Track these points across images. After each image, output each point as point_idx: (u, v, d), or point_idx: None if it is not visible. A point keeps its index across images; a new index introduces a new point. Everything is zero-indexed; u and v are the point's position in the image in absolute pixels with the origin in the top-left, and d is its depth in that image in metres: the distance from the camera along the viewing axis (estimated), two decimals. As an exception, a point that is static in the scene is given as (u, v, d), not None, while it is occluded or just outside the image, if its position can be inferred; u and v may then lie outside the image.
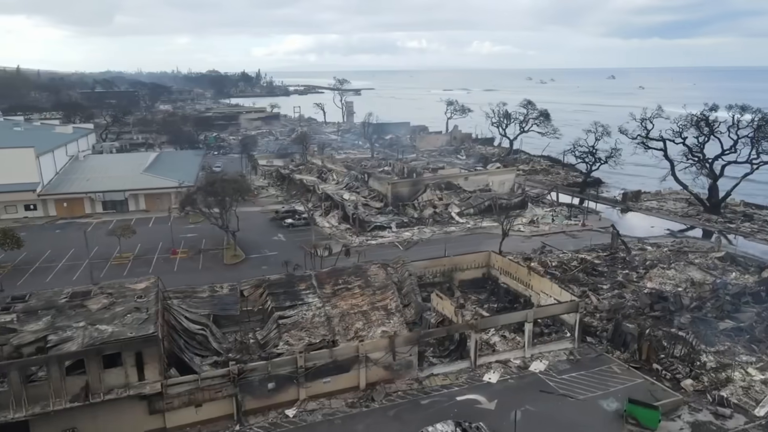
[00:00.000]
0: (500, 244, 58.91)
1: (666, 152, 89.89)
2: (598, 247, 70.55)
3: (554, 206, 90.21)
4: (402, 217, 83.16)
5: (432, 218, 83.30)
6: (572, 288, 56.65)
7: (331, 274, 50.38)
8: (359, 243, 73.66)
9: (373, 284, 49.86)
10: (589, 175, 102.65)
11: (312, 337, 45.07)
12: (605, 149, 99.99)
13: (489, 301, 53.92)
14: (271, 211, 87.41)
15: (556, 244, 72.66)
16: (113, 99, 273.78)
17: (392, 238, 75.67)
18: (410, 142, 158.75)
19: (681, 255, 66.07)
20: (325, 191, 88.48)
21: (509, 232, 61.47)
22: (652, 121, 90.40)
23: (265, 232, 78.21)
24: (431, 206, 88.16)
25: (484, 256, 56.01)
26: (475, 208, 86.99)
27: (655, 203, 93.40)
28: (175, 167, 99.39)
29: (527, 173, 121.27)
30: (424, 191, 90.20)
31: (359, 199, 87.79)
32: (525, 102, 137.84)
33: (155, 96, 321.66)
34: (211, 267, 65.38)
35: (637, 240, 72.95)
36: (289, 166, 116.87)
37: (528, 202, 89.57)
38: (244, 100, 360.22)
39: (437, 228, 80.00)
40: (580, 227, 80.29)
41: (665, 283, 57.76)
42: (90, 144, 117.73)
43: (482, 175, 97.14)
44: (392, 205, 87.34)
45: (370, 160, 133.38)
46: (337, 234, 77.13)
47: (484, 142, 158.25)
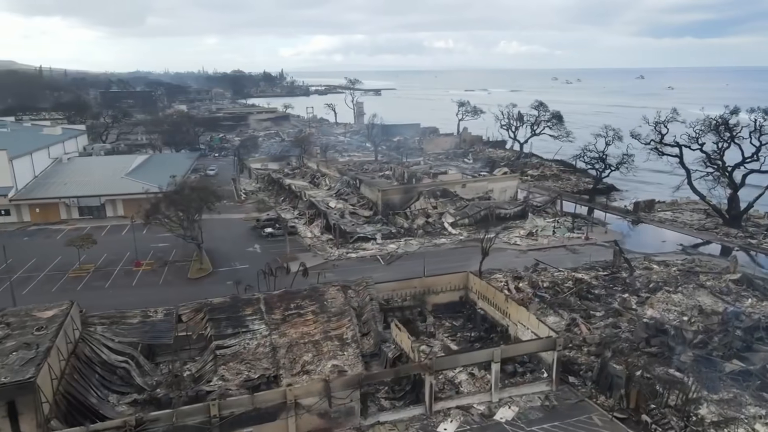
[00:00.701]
0: (480, 264, 52.73)
1: (682, 159, 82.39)
2: (599, 264, 63.95)
3: (558, 216, 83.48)
4: (390, 227, 77.49)
5: (423, 229, 77.45)
6: (562, 314, 50.56)
7: (283, 297, 45.01)
8: (338, 256, 68.28)
9: (329, 309, 44.37)
10: (598, 182, 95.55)
11: (252, 371, 39.84)
12: (618, 155, 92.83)
13: (465, 328, 47.95)
14: (255, 218, 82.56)
15: (553, 260, 66.25)
16: (130, 99, 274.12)
17: (375, 250, 70.07)
18: (417, 145, 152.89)
19: (691, 276, 59.06)
20: (310, 198, 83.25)
21: (490, 248, 55.01)
22: (667, 125, 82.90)
23: (242, 242, 73.34)
24: (424, 215, 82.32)
25: (461, 277, 50.05)
26: (471, 218, 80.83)
27: (669, 214, 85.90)
28: (162, 170, 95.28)
29: (535, 179, 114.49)
30: (417, 199, 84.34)
31: (346, 207, 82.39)
32: (536, 103, 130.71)
33: (172, 96, 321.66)
34: (173, 281, 60.69)
35: (643, 257, 66.00)
36: (284, 170, 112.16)
37: (528, 211, 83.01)
38: (262, 100, 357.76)
39: (426, 240, 74.14)
40: (582, 241, 73.56)
41: (669, 310, 51.07)
42: (80, 145, 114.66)
43: (482, 181, 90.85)
44: (382, 214, 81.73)
45: (372, 164, 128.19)
46: (317, 245, 71.85)
47: (495, 145, 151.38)
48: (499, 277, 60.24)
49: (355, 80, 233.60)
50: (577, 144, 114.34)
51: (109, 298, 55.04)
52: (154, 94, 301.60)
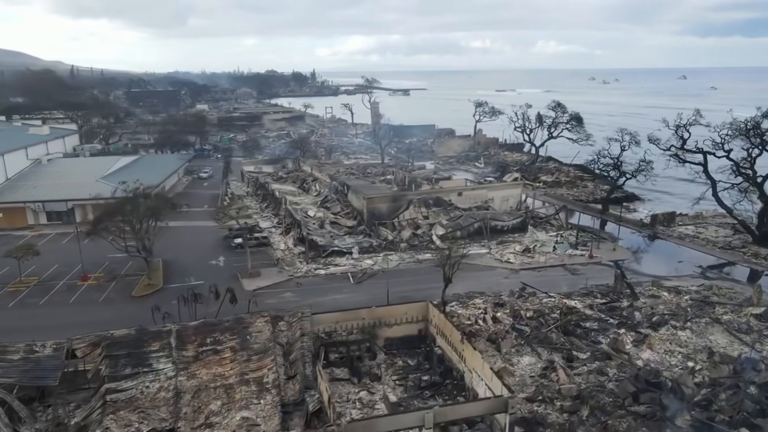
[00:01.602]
0: (443, 291, 44.94)
1: (706, 167, 72.76)
2: (599, 289, 55.51)
3: (562, 229, 74.84)
4: (372, 240, 70.34)
5: (407, 242, 70.03)
6: (541, 353, 42.58)
7: (200, 329, 38.38)
8: (305, 272, 61.46)
9: (251, 346, 37.55)
10: (612, 191, 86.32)
11: (144, 423, 33.34)
12: (636, 161, 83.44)
13: (419, 369, 40.48)
14: (228, 227, 76.38)
15: (546, 282, 58.06)
16: (153, 98, 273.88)
17: (349, 266, 63.01)
18: (429, 147, 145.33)
19: (705, 308, 50.13)
20: (288, 206, 76.68)
21: (453, 274, 47.09)
22: (689, 129, 73.32)
23: (207, 254, 67.26)
24: (413, 226, 74.91)
25: (420, 307, 42.57)
26: (463, 231, 73.01)
27: (692, 229, 76.20)
28: (145, 173, 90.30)
29: (548, 186, 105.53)
30: (406, 208, 76.94)
31: (327, 216, 75.52)
32: (553, 104, 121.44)
33: (196, 95, 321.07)
34: (115, 299, 54.86)
35: (651, 282, 57.12)
36: (278, 173, 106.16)
37: (528, 223, 74.65)
38: (288, 100, 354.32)
39: (409, 255, 66.68)
40: (585, 259, 64.96)
41: (672, 352, 42.57)
42: (68, 146, 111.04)
43: (481, 189, 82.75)
44: (367, 224, 74.66)
45: (377, 167, 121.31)
46: (287, 259, 65.20)
47: (511, 148, 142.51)
48: (478, 302, 52.57)
49: (372, 79, 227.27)
50: (597, 148, 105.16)
51: (32, 319, 49.61)
52: (178, 94, 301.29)
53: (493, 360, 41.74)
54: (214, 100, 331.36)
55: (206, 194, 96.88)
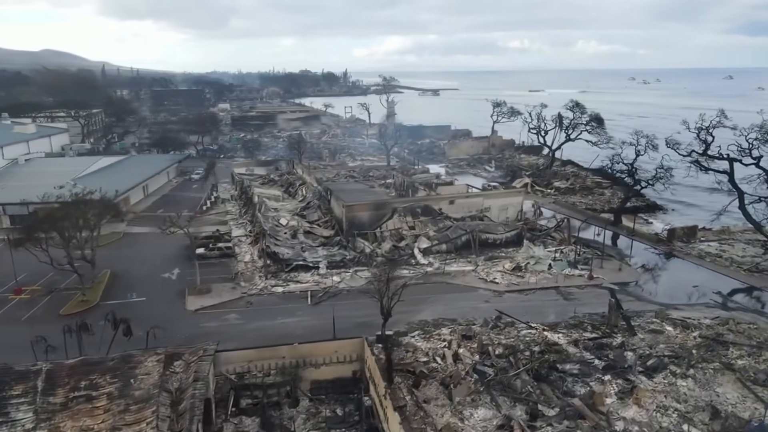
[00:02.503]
0: (382, 327, 37.46)
1: (732, 176, 63.28)
2: (592, 319, 47.23)
3: (564, 244, 66.34)
4: (347, 253, 63.35)
5: (384, 256, 62.76)
6: (501, 404, 34.86)
7: (76, 369, 32.10)
8: (262, 289, 54.86)
9: (132, 392, 31.04)
10: (626, 200, 77.17)
11: (-19, 490, 27.20)
12: (655, 167, 74.21)
13: (347, 422, 33.30)
14: (200, 234, 70.48)
15: (532, 308, 50.17)
16: (177, 98, 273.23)
17: (311, 283, 56.14)
18: (441, 149, 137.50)
19: (717, 348, 41.42)
20: (260, 212, 70.25)
21: (393, 306, 39.45)
22: (712, 132, 63.94)
23: (162, 265, 61.32)
24: (396, 238, 67.63)
25: (355, 345, 35.48)
26: (450, 244, 65.36)
27: (715, 246, 66.60)
28: (122, 174, 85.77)
29: (561, 193, 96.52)
30: (390, 217, 69.67)
31: (302, 224, 68.80)
32: (571, 104, 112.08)
33: (221, 95, 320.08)
34: (41, 317, 49.25)
35: (656, 312, 48.45)
36: (269, 176, 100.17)
37: (524, 237, 66.39)
38: (314, 99, 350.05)
39: (383, 271, 59.29)
40: (584, 281, 56.56)
41: (666, 409, 34.28)
42: (55, 145, 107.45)
43: (476, 197, 74.75)
44: (346, 235, 67.71)
45: (380, 170, 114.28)
46: (247, 273, 58.77)
47: (528, 150, 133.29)
48: (445, 333, 45.01)
49: (390, 78, 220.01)
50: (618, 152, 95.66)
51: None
52: (202, 94, 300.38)
53: (441, 411, 34.37)
54: (239, 100, 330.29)
55: (191, 197, 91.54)
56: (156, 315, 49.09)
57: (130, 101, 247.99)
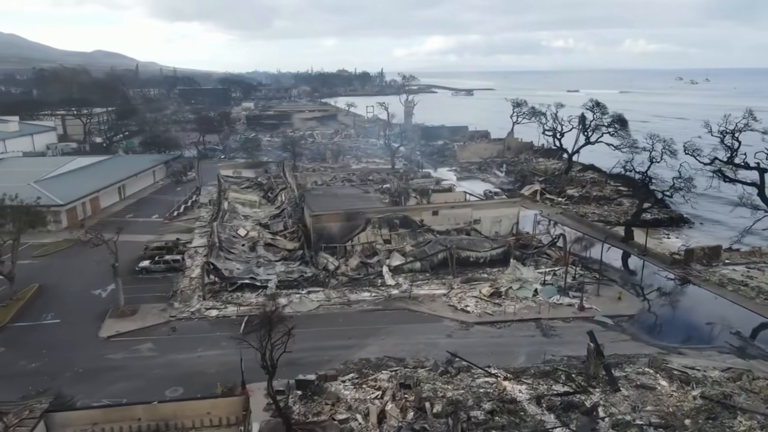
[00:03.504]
0: (268, 383, 29.60)
1: (762, 188, 53.21)
2: (570, 365, 38.52)
3: (560, 264, 57.20)
4: (308, 269, 55.97)
5: (347, 275, 55.12)
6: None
7: None
8: (194, 312, 47.95)
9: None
10: (639, 213, 67.34)
11: None
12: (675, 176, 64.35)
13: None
14: (151, 244, 64.30)
15: (501, 347, 41.96)
16: (204, 96, 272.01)
17: (253, 307, 48.89)
18: (454, 151, 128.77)
19: (723, 415, 32.25)
20: (217, 221, 63.51)
21: (277, 359, 31.42)
22: (738, 137, 53.90)
23: (98, 280, 55.04)
24: (367, 252, 59.95)
25: (235, 404, 27.87)
26: (426, 262, 57.18)
27: (741, 271, 56.36)
28: (95, 176, 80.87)
29: (574, 202, 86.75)
30: (363, 229, 61.98)
31: (263, 235, 61.69)
32: (591, 103, 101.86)
33: (247, 94, 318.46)
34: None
35: (651, 358, 39.31)
36: (257, 178, 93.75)
37: (512, 256, 57.55)
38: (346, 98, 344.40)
39: (339, 293, 51.72)
40: (574, 312, 47.64)
41: None
42: (40, 143, 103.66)
43: (463, 207, 66.22)
44: (314, 248, 60.41)
45: (381, 173, 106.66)
46: (188, 291, 52.05)
47: (547, 153, 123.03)
48: (383, 378, 37.13)
49: (410, 77, 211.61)
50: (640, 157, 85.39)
51: None
52: (228, 93, 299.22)
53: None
54: (267, 99, 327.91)
55: (172, 201, 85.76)
56: (60, 342, 42.92)
57: (153, 100, 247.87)
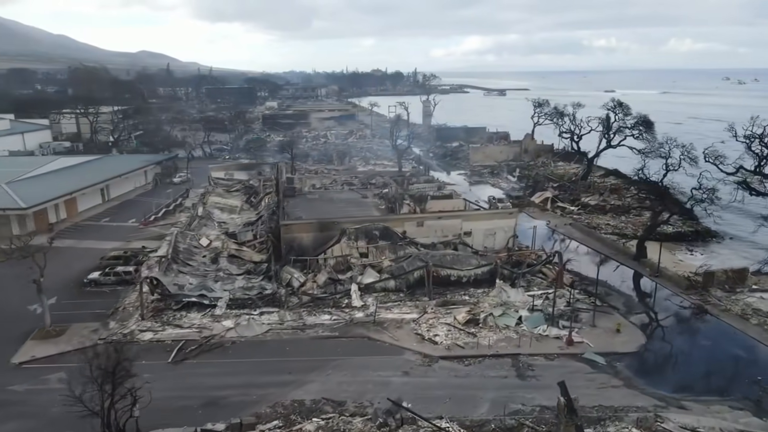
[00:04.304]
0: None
1: (796, 204, 44.99)
2: (541, 419, 31.69)
3: (556, 285, 49.90)
4: (269, 286, 50.25)
5: (309, 294, 49.17)
6: None
7: None
8: (127, 334, 42.69)
9: None
10: (654, 226, 59.34)
11: None
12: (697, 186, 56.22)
13: None
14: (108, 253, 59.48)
15: (465, 389, 35.43)
16: (230, 95, 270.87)
17: (194, 330, 43.46)
18: (467, 153, 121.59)
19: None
20: (177, 229, 58.40)
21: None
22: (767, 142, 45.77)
23: (45, 293, 50.47)
24: (341, 268, 53.97)
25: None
26: (401, 280, 50.75)
27: (771, 298, 48.17)
28: (75, 178, 77.21)
29: (588, 211, 78.79)
30: (338, 241, 55.98)
31: (228, 246, 56.23)
32: (613, 103, 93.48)
33: (273, 93, 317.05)
34: None
35: (641, 417, 32.08)
36: (249, 181, 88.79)
37: (498, 275, 50.57)
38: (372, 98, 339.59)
39: (295, 316, 45.78)
40: (560, 346, 40.58)
41: None
42: (32, 142, 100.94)
43: (452, 218, 59.41)
44: (284, 261, 54.76)
45: (384, 176, 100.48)
46: (130, 309, 46.97)
47: (568, 156, 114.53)
48: (309, 430, 31.04)
49: (431, 76, 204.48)
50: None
51: None
52: (253, 92, 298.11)
53: None
54: (293, 98, 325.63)
55: (158, 204, 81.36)
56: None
57: (177, 99, 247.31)
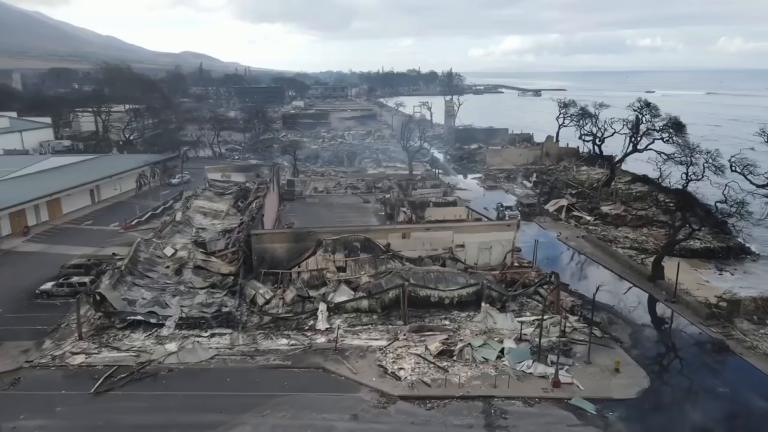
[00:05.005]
0: None
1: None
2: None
3: (551, 311, 43.51)
4: (231, 302, 45.40)
5: (270, 314, 44.10)
6: None
7: None
8: (53, 357, 38.30)
9: None
10: (673, 243, 52.10)
11: None
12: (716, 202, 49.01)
13: None
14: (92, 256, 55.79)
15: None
16: (259, 95, 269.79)
17: (132, 354, 38.85)
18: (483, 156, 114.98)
19: None
20: (142, 237, 54.00)
21: None
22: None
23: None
24: (314, 283, 48.78)
25: None
26: (376, 300, 45.14)
27: (809, 333, 40.73)
28: (68, 178, 74.71)
29: (606, 222, 71.60)
30: (313, 253, 50.78)
31: (195, 256, 51.60)
32: (640, 103, 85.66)
33: (302, 93, 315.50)
34: None
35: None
36: (246, 184, 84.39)
37: (485, 297, 44.42)
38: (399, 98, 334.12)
39: (248, 340, 40.70)
40: (545, 388, 34.34)
41: None
42: (31, 140, 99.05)
43: (442, 230, 53.37)
44: (255, 274, 49.99)
45: (391, 180, 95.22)
46: (73, 326, 42.75)
47: (593, 160, 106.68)
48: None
49: (456, 74, 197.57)
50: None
51: None
52: (282, 91, 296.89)
53: None
54: (323, 97, 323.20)
55: (145, 206, 77.87)
56: None
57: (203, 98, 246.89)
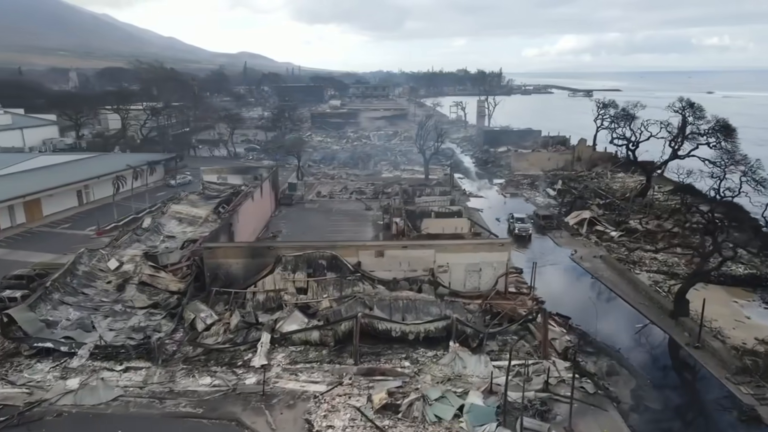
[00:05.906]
0: None
1: None
2: None
3: (537, 354, 35.47)
4: (168, 326, 39.47)
5: (203, 345, 37.88)
6: None
7: None
8: (-55, 390, 33.32)
9: None
10: (703, 273, 42.82)
11: None
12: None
13: None
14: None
15: None
16: (298, 93, 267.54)
17: (25, 390, 33.34)
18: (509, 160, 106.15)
19: None
20: (85, 248, 48.70)
21: None
22: None
23: None
24: (272, 305, 42.45)
25: None
26: (327, 333, 38.21)
27: None
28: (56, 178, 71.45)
29: (633, 239, 62.25)
30: (271, 272, 44.33)
31: (142, 270, 45.96)
32: (682, 103, 75.47)
33: (341, 92, 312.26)
34: None
35: None
36: (241, 186, 79.10)
37: (454, 335, 36.74)
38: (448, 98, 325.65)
39: (170, 374, 34.53)
40: (504, 468, 26.57)
41: None
42: (34, 138, 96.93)
43: (422, 249, 45.80)
44: (206, 291, 44.10)
45: (403, 184, 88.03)
46: (-15, 349, 37.76)
47: (629, 166, 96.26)
48: None
49: (491, 73, 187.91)
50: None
51: None
52: (321, 90, 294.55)
53: None
54: (363, 96, 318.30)
55: (134, 209, 73.56)
56: None
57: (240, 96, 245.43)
